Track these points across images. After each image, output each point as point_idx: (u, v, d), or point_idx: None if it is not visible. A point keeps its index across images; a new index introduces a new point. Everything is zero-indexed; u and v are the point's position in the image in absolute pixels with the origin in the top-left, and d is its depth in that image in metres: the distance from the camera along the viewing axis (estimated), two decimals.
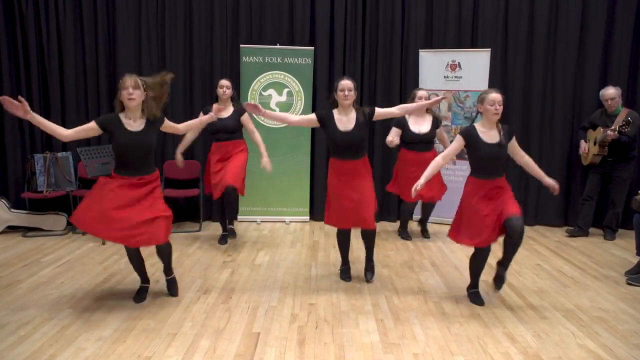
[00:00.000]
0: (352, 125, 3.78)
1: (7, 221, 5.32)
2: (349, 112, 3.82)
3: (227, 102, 4.84)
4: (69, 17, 5.54)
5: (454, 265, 4.53)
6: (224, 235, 5.11)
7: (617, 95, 5.23)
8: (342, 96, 3.76)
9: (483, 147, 3.45)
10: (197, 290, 3.83)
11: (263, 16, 5.84)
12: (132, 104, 3.27)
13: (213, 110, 3.93)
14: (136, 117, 3.34)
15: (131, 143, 3.30)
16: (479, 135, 3.47)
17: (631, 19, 5.63)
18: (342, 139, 3.79)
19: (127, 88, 3.23)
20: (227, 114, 4.81)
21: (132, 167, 3.34)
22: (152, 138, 3.37)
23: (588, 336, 3.21)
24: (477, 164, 3.53)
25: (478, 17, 5.84)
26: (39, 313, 3.39)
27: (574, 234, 5.55)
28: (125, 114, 3.33)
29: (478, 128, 3.50)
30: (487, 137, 3.47)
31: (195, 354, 2.90)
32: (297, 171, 5.95)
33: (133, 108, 3.30)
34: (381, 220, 6.07)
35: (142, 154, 3.35)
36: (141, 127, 3.34)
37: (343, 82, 3.79)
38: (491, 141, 3.46)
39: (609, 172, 5.33)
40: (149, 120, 3.37)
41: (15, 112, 3.05)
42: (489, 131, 3.48)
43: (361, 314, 3.48)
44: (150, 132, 3.36)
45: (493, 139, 3.47)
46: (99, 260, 4.49)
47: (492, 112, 3.42)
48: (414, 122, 4.97)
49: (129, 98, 3.24)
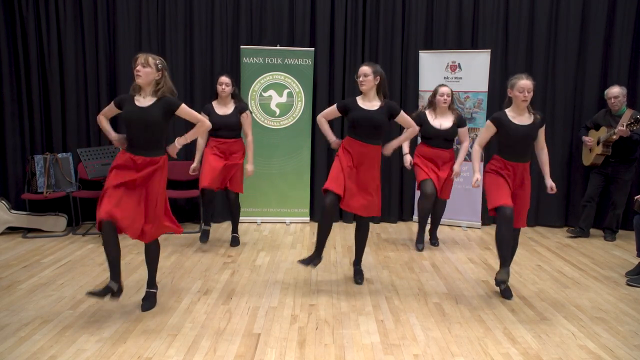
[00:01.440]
0: (375, 108, 3.78)
1: (7, 222, 5.32)
2: (372, 98, 3.80)
3: (227, 99, 4.78)
4: (69, 17, 5.54)
5: (455, 267, 4.53)
6: (205, 231, 4.90)
7: (621, 94, 5.20)
8: (359, 83, 3.79)
9: (514, 129, 3.57)
10: (198, 291, 3.83)
11: (263, 17, 5.85)
12: (138, 80, 3.30)
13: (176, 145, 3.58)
14: (147, 95, 3.35)
15: (134, 116, 3.30)
16: (510, 120, 3.60)
17: (631, 19, 5.63)
18: (362, 115, 3.75)
19: (137, 65, 3.29)
20: (228, 111, 4.77)
21: (136, 144, 3.33)
22: (156, 115, 3.31)
23: (588, 337, 3.20)
24: (506, 143, 3.63)
25: (478, 18, 5.84)
26: (39, 314, 3.39)
27: (575, 235, 5.55)
28: (139, 92, 3.37)
29: (508, 113, 3.62)
30: (518, 120, 3.59)
31: (196, 355, 2.90)
32: (298, 172, 5.95)
33: (143, 85, 3.32)
34: (381, 222, 6.08)
35: (144, 130, 3.31)
36: (149, 104, 3.34)
37: (360, 68, 3.80)
38: (522, 123, 3.58)
39: (610, 173, 5.32)
40: (161, 100, 3.35)
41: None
42: (519, 116, 3.60)
43: (361, 315, 3.47)
44: (155, 110, 3.32)
45: (524, 121, 3.59)
46: (99, 261, 4.49)
47: (520, 99, 3.53)
48: (435, 118, 4.88)
49: (136, 75, 3.30)
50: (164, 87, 3.35)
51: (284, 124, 5.88)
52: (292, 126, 5.85)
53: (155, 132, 3.35)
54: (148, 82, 3.31)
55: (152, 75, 3.30)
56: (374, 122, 3.74)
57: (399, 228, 5.89)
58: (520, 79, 3.54)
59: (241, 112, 4.79)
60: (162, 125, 3.37)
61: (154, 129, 3.34)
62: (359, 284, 4.05)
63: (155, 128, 3.35)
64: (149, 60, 3.28)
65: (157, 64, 3.31)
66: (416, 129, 3.99)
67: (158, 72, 3.32)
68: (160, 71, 3.33)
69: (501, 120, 3.62)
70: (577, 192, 5.85)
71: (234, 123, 4.77)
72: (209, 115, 4.71)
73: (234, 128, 4.78)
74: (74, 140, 5.67)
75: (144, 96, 3.35)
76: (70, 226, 5.53)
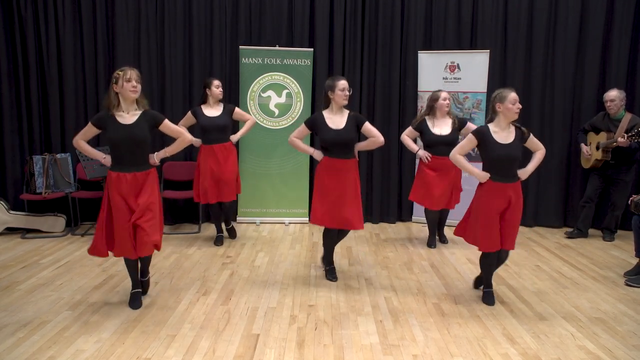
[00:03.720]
0: (343, 125, 3.86)
1: (6, 223, 5.32)
2: (342, 111, 3.89)
3: (218, 101, 4.92)
4: (68, 18, 5.53)
5: (454, 267, 4.53)
6: (220, 237, 5.12)
7: (618, 98, 5.16)
8: (342, 96, 3.82)
9: (495, 147, 3.45)
10: (197, 292, 3.83)
11: (262, 17, 5.84)
12: (134, 95, 3.31)
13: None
14: (130, 110, 3.35)
15: (122, 135, 3.30)
16: (492, 136, 3.48)
17: (629, 21, 5.63)
18: (333, 136, 3.85)
19: (132, 81, 3.28)
20: (217, 113, 4.87)
21: (125, 161, 3.34)
22: (144, 131, 3.34)
23: (587, 337, 3.21)
24: (489, 163, 3.53)
25: (477, 19, 5.84)
26: (38, 315, 3.39)
27: (573, 236, 5.55)
28: (119, 108, 3.34)
29: (491, 128, 3.50)
30: (500, 137, 3.47)
31: (195, 355, 2.90)
32: (297, 172, 5.94)
33: (132, 100, 3.33)
34: (380, 222, 6.08)
35: (134, 147, 3.33)
36: (133, 120, 3.34)
37: (343, 82, 3.84)
38: (504, 141, 3.46)
39: (610, 175, 5.31)
40: (144, 114, 3.37)
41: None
42: (502, 131, 3.48)
43: (360, 315, 3.47)
44: (142, 126, 3.34)
45: (506, 139, 3.47)
46: (98, 262, 4.48)
47: (514, 111, 3.42)
48: (434, 125, 4.86)
49: (133, 90, 3.29)
50: (143, 99, 3.39)
51: (283, 125, 5.88)
52: (291, 127, 5.83)
53: (144, 147, 3.39)
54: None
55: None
56: (344, 141, 3.87)
57: (398, 228, 5.89)
58: (510, 92, 3.42)
59: (231, 110, 4.92)
60: (149, 140, 3.41)
61: (143, 145, 3.38)
62: (334, 281, 4.12)
63: (144, 144, 3.39)
64: (139, 75, 3.33)
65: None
66: (380, 140, 3.93)
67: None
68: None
69: (484, 135, 3.48)
70: (576, 193, 5.85)
71: (223, 124, 4.84)
72: (197, 118, 4.84)
73: (223, 130, 4.85)
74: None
75: (127, 111, 3.34)
76: (69, 227, 5.53)
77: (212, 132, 4.81)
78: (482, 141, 3.49)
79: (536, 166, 3.65)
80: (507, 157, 3.45)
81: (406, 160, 6.03)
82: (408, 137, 4.94)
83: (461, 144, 3.61)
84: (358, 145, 4.00)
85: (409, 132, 4.94)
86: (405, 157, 6.03)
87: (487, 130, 3.49)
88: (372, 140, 3.95)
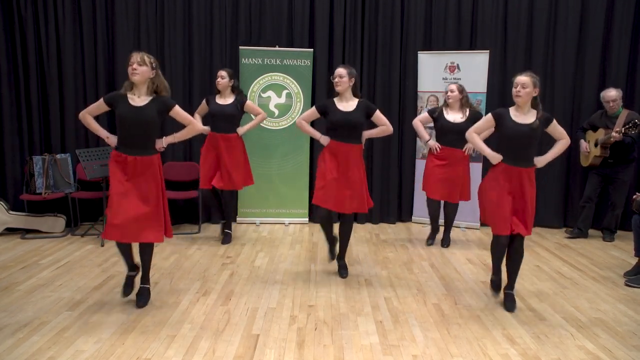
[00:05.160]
0: (352, 109, 3.92)
1: (6, 223, 5.31)
2: (348, 98, 3.94)
3: (226, 91, 4.92)
4: (67, 17, 5.53)
5: (454, 267, 4.53)
6: (228, 234, 5.14)
7: (619, 97, 5.23)
8: (334, 83, 3.92)
9: (511, 126, 3.44)
10: (197, 292, 3.83)
11: (262, 18, 5.84)
12: (134, 77, 3.31)
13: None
14: (141, 93, 3.37)
15: (130, 116, 3.31)
16: (510, 116, 3.48)
17: (629, 20, 5.64)
18: (341, 117, 3.90)
19: (132, 64, 3.30)
20: (227, 102, 4.91)
21: (130, 143, 3.34)
22: (152, 115, 3.34)
23: (587, 337, 3.21)
24: (503, 143, 3.51)
25: (477, 19, 5.84)
26: (38, 315, 3.39)
27: (573, 236, 5.55)
28: (132, 91, 3.38)
29: (511, 111, 3.51)
30: (518, 118, 3.46)
31: (195, 355, 2.90)
32: (297, 173, 5.94)
33: (137, 83, 3.34)
34: (380, 222, 6.08)
35: (140, 130, 3.33)
36: (144, 103, 3.35)
37: (337, 70, 3.94)
38: (523, 122, 3.44)
39: (609, 173, 5.33)
40: (155, 99, 3.37)
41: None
42: (521, 114, 3.46)
43: (360, 315, 3.47)
44: (151, 109, 3.34)
45: (525, 120, 3.44)
46: (98, 262, 4.49)
47: (513, 94, 3.44)
48: (448, 113, 4.89)
49: (132, 73, 3.30)
50: (160, 84, 3.40)
51: (283, 125, 5.88)
52: (291, 127, 5.84)
53: (150, 131, 3.39)
54: (143, 80, 3.34)
55: (148, 74, 3.35)
56: (352, 122, 3.91)
57: (398, 229, 5.89)
58: (518, 75, 3.44)
59: (242, 103, 4.92)
60: (157, 125, 3.41)
61: (150, 128, 3.38)
62: (344, 277, 4.16)
63: (151, 128, 3.39)
64: (144, 58, 3.32)
65: (151, 63, 3.36)
66: (390, 129, 4.04)
67: (152, 70, 3.37)
68: (154, 70, 3.38)
69: (501, 115, 3.50)
70: (576, 193, 5.85)
71: (230, 112, 4.87)
72: (208, 105, 4.93)
73: (230, 119, 4.88)
74: (73, 141, 5.66)
75: (138, 95, 3.37)
76: (68, 227, 5.52)
77: (219, 120, 4.85)
78: (499, 121, 3.50)
79: (556, 155, 3.59)
80: (521, 137, 3.41)
81: (406, 160, 6.03)
82: (421, 124, 4.95)
83: (478, 124, 3.69)
84: (368, 132, 4.04)
85: (423, 117, 4.96)
86: (405, 157, 6.03)
87: (507, 112, 3.51)
88: (383, 128, 4.02)
